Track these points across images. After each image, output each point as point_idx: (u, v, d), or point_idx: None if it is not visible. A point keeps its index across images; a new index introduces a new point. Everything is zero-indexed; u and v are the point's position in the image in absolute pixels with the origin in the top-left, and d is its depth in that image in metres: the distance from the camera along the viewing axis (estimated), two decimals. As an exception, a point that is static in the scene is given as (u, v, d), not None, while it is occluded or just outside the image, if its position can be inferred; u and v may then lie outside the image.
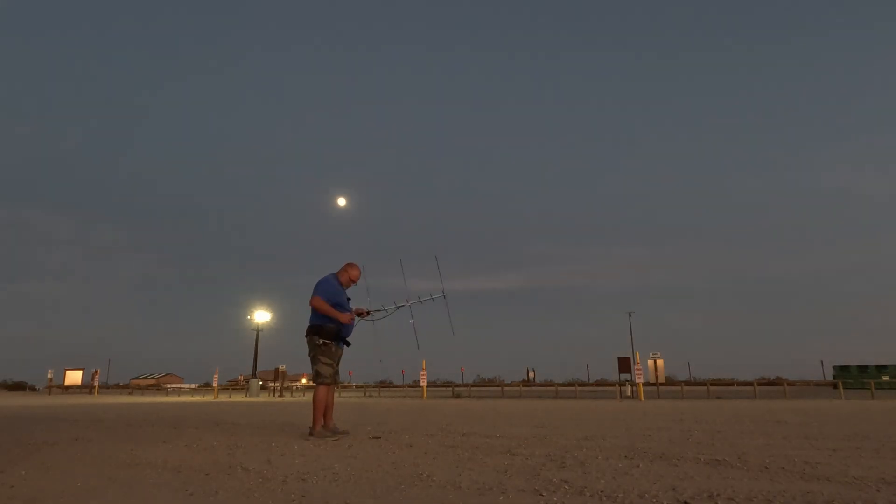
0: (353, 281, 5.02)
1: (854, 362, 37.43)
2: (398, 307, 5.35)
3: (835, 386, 31.06)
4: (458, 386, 40.66)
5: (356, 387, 43.76)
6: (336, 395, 32.44)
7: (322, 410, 4.63)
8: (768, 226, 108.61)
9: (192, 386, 60.61)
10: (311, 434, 4.55)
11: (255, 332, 35.13)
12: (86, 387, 46.62)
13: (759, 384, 31.68)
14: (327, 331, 4.68)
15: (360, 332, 5.03)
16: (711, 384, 32.14)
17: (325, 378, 4.66)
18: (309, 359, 4.76)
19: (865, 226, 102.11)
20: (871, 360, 36.74)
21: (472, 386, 45.17)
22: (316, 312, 4.71)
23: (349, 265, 5.03)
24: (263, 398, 24.15)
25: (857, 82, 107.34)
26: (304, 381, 61.28)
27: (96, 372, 40.46)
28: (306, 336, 4.76)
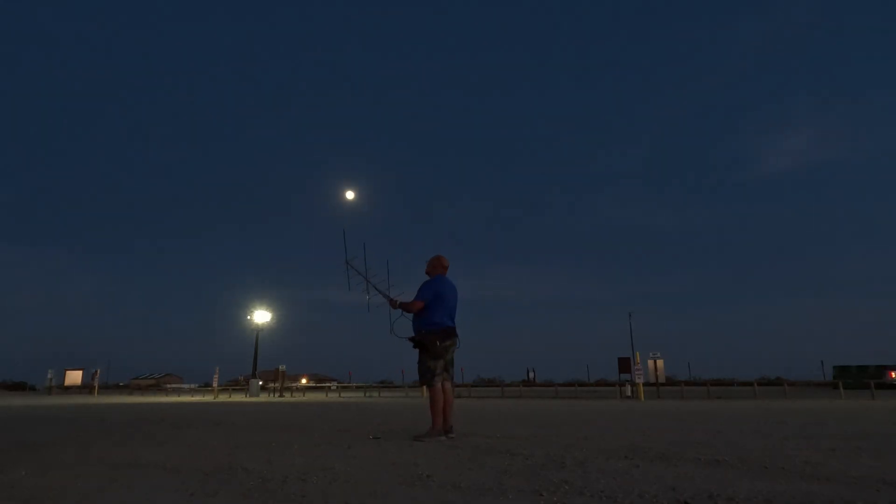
0: (444, 268, 5.01)
1: (854, 362, 37.45)
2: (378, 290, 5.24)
3: (835, 386, 31.04)
4: (458, 386, 40.61)
5: (356, 387, 43.75)
6: (336, 395, 32.34)
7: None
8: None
9: (193, 386, 60.51)
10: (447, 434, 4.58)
11: (256, 332, 35.13)
12: (86, 387, 46.55)
13: (759, 384, 31.66)
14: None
15: (360, 328, 4.98)
16: (711, 384, 32.11)
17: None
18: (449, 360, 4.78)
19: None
20: (871, 361, 36.78)
21: (472, 386, 45.13)
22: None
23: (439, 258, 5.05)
24: (263, 398, 24.14)
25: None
26: (304, 381, 61.23)
27: (96, 372, 40.36)
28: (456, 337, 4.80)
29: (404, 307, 4.84)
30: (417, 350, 4.80)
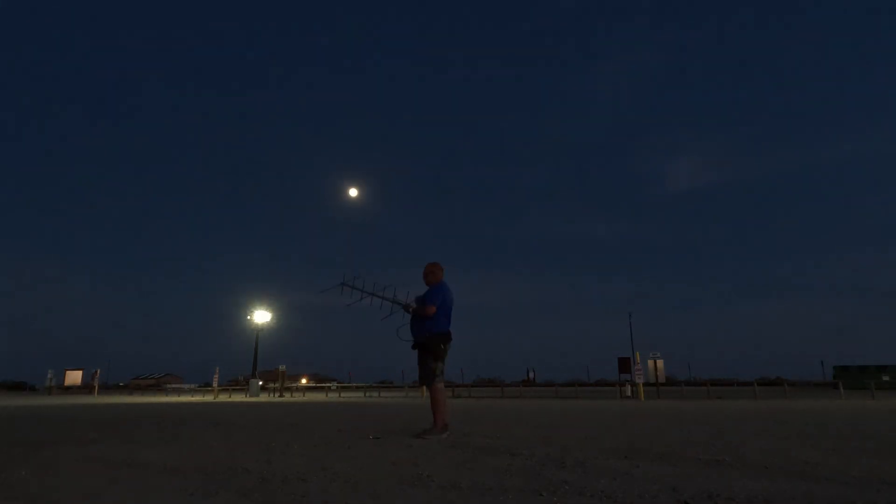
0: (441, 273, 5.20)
1: (854, 362, 37.48)
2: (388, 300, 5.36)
3: (835, 386, 31.02)
4: (457, 386, 40.56)
5: (356, 387, 43.73)
6: (336, 395, 32.31)
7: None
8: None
9: (192, 386, 60.42)
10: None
11: (256, 332, 35.11)
12: (86, 387, 46.53)
13: (759, 384, 31.64)
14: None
15: (360, 329, 5.04)
16: (711, 384, 32.13)
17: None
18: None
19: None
20: (872, 361, 36.80)
21: (472, 386, 45.09)
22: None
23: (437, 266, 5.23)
24: (263, 398, 24.14)
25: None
26: (304, 381, 61.19)
27: (96, 372, 40.33)
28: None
29: (418, 311, 4.96)
30: (417, 352, 4.93)
